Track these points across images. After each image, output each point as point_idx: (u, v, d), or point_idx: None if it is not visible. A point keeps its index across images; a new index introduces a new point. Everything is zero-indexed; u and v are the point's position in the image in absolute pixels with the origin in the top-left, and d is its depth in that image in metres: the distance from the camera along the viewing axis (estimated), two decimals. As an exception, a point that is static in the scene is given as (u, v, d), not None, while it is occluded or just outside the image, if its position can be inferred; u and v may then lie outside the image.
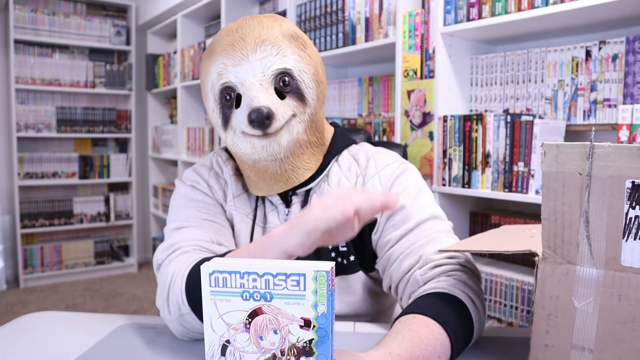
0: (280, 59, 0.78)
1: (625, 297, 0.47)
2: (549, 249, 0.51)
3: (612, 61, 1.38)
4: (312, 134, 0.83)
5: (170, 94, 3.74)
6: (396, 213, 0.82)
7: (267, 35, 0.78)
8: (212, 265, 0.48)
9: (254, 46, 0.77)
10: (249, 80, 0.77)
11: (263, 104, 0.75)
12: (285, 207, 0.88)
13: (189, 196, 0.88)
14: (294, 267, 0.48)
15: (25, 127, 3.41)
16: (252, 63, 0.77)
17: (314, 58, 0.84)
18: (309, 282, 0.47)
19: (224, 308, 0.48)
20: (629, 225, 0.46)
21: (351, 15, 1.95)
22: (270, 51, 0.78)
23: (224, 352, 0.50)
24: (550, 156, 0.50)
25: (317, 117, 0.84)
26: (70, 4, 3.58)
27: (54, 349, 0.70)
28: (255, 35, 0.78)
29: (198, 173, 0.92)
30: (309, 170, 0.84)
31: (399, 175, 0.85)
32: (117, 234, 3.90)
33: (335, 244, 0.65)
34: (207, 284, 0.48)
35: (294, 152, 0.81)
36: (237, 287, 0.48)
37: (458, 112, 1.69)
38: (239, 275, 0.48)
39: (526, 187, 1.42)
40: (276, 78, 0.78)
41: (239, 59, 0.77)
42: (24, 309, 2.94)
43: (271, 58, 0.78)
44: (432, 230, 0.80)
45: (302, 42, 0.82)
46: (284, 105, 0.78)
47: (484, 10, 1.50)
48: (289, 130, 0.79)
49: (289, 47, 0.80)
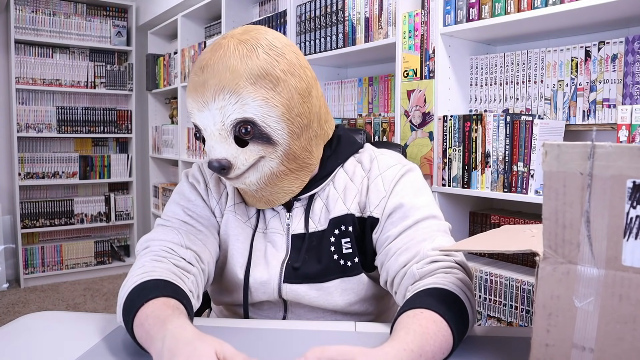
0: (240, 107, 0.75)
1: (626, 297, 0.47)
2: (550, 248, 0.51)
3: (611, 61, 1.38)
4: (290, 163, 0.82)
5: (170, 94, 3.74)
6: (396, 211, 0.83)
7: (228, 80, 0.74)
8: None
9: (213, 94, 0.75)
10: (209, 129, 0.77)
11: (218, 157, 0.76)
12: (286, 211, 0.89)
13: (185, 193, 0.91)
14: None
15: (25, 127, 3.41)
16: (212, 111, 0.76)
17: (287, 94, 0.77)
18: None
19: None
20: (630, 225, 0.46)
21: (351, 16, 1.95)
22: (229, 100, 0.74)
23: None
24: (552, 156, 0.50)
25: (292, 149, 0.80)
26: (71, 5, 3.58)
27: (54, 349, 0.70)
28: (216, 81, 0.74)
29: (202, 172, 0.94)
30: (290, 193, 0.85)
31: (401, 177, 0.86)
32: (118, 233, 3.90)
33: None
34: None
35: (269, 183, 0.82)
36: None
37: (458, 112, 1.69)
38: None
39: (526, 187, 1.42)
40: (236, 127, 0.76)
41: (201, 106, 0.76)
42: (24, 309, 2.94)
43: (230, 107, 0.75)
44: (430, 228, 0.81)
45: (271, 80, 0.76)
46: (246, 152, 0.78)
47: (484, 11, 1.50)
48: (257, 170, 0.80)
49: (251, 93, 0.74)
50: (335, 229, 0.86)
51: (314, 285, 0.85)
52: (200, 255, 0.83)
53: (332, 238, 0.85)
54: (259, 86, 0.75)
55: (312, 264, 0.86)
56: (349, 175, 0.89)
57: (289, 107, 0.78)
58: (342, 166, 0.90)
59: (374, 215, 0.85)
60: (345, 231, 0.85)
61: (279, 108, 0.76)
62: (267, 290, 0.86)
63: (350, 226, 0.85)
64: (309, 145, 0.83)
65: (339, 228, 0.86)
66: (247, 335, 0.74)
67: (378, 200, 0.85)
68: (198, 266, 0.82)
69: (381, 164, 0.88)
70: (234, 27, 2.83)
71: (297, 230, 0.87)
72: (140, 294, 0.69)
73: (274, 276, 0.86)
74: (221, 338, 0.72)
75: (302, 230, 0.87)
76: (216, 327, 0.77)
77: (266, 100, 0.75)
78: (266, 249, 0.88)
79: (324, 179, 0.88)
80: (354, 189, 0.87)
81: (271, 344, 0.71)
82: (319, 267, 0.85)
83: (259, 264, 0.87)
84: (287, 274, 0.86)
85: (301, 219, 0.88)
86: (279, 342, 0.72)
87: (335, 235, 0.85)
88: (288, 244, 0.87)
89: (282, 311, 0.89)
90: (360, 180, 0.88)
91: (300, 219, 0.88)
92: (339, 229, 0.86)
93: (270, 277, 0.86)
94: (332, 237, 0.86)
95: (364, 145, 0.95)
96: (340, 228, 0.85)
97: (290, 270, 0.85)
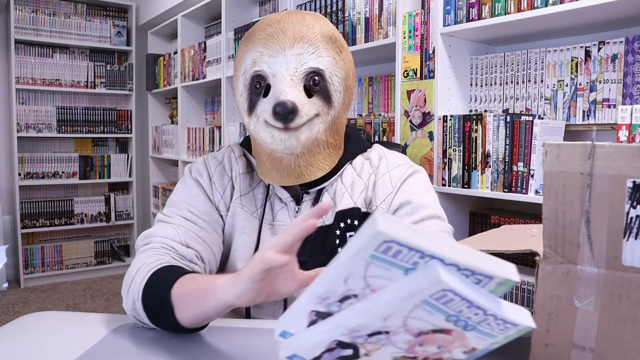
0: (315, 58, 0.80)
1: (626, 297, 0.47)
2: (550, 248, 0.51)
3: (611, 61, 1.38)
4: (332, 136, 0.85)
5: (170, 94, 3.74)
6: (402, 207, 0.84)
7: (307, 32, 0.80)
8: (392, 233, 0.37)
9: (292, 41, 0.79)
10: (281, 73, 0.79)
11: (289, 99, 0.77)
12: (295, 204, 0.89)
13: (188, 188, 0.90)
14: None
15: (25, 127, 3.41)
16: (288, 57, 0.79)
17: (347, 63, 0.85)
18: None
19: (375, 272, 0.39)
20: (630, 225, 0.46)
21: (351, 16, 1.95)
22: (307, 49, 0.79)
23: (343, 300, 0.43)
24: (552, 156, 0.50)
25: (340, 120, 0.85)
26: (71, 5, 3.58)
27: (54, 349, 0.70)
28: (296, 31, 0.80)
29: (207, 165, 0.93)
30: (322, 170, 0.85)
31: (409, 176, 0.88)
32: (118, 233, 3.90)
33: (277, 298, 0.62)
34: (373, 248, 0.38)
35: (310, 150, 0.83)
36: (408, 264, 0.39)
37: (458, 112, 1.69)
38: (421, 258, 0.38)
39: (526, 187, 1.42)
40: (307, 76, 0.80)
41: (276, 51, 0.79)
42: (24, 309, 2.94)
43: (307, 56, 0.79)
44: (435, 227, 0.82)
45: (339, 46, 0.84)
46: (310, 103, 0.80)
47: (484, 11, 1.50)
48: (310, 128, 0.81)
49: (326, 48, 0.81)
50: (341, 222, 0.87)
51: None
52: (201, 254, 0.83)
53: (338, 231, 0.86)
54: (330, 47, 0.82)
55: (318, 258, 0.86)
56: (356, 172, 0.91)
57: (347, 75, 0.84)
58: (351, 163, 0.92)
59: (379, 209, 0.86)
60: (350, 225, 0.86)
61: (342, 71, 0.83)
62: None
63: (356, 220, 0.86)
64: (343, 126, 0.89)
65: (345, 221, 0.87)
66: (247, 335, 0.74)
67: (385, 195, 0.86)
68: (199, 265, 0.82)
69: (390, 162, 0.90)
70: (234, 27, 2.83)
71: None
72: (171, 273, 0.70)
73: None
74: (221, 338, 0.72)
75: None
76: (216, 327, 0.76)
77: (335, 60, 0.82)
78: None
79: (333, 174, 0.89)
80: (361, 184, 0.89)
81: (271, 344, 0.71)
82: (324, 260, 0.85)
83: None
84: None
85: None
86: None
87: (341, 228, 0.86)
88: None
89: (282, 309, 0.89)
90: (368, 176, 0.90)
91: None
92: (345, 222, 0.87)
93: None
94: (337, 230, 0.86)
95: (372, 145, 0.97)
96: (346, 221, 0.87)
97: None
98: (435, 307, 0.39)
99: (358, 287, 0.41)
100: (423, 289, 0.37)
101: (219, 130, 2.86)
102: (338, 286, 0.42)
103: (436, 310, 0.39)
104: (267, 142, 0.82)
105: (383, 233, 0.36)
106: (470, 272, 0.39)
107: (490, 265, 0.39)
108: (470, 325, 0.40)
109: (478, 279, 0.39)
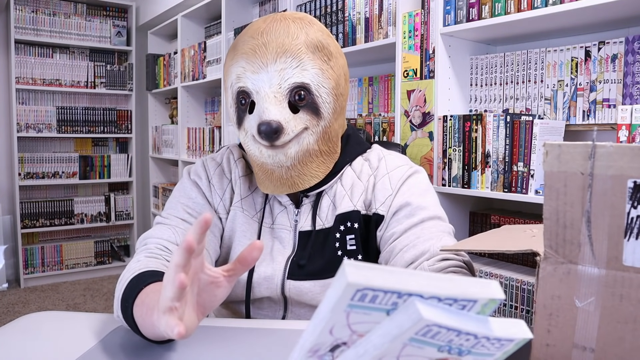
0: (300, 72, 0.77)
1: (626, 297, 0.47)
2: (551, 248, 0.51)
3: (611, 61, 1.38)
4: (324, 144, 0.84)
5: (170, 94, 3.74)
6: (402, 209, 0.84)
7: (290, 44, 0.77)
8: (361, 281, 0.37)
9: (274, 55, 0.77)
10: (264, 91, 0.77)
11: (273, 118, 0.76)
12: (295, 207, 0.89)
13: (185, 190, 0.90)
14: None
15: (25, 127, 3.41)
16: (270, 73, 0.77)
17: (337, 70, 0.82)
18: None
19: (357, 319, 0.40)
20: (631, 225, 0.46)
21: (351, 16, 1.95)
22: (290, 63, 0.77)
23: (334, 349, 0.43)
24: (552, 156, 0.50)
25: (331, 128, 0.84)
26: (71, 5, 3.58)
27: (54, 349, 0.70)
28: (278, 44, 0.77)
29: (205, 168, 0.93)
30: (315, 177, 0.85)
31: (408, 177, 0.88)
32: (118, 233, 3.90)
33: (214, 306, 0.59)
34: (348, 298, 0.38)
35: (301, 161, 0.82)
36: (387, 306, 0.39)
37: (458, 112, 1.69)
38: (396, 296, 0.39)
39: (526, 187, 1.42)
40: (292, 92, 0.78)
41: (258, 67, 0.77)
42: (24, 309, 2.94)
43: (290, 70, 0.77)
44: (435, 228, 0.82)
45: (327, 54, 0.80)
46: (296, 119, 0.79)
47: (484, 11, 1.50)
48: (299, 142, 0.80)
49: (311, 59, 0.78)
50: (341, 225, 0.86)
51: (318, 282, 0.85)
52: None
53: (337, 234, 0.86)
54: (316, 56, 0.79)
55: (317, 261, 0.86)
56: (356, 174, 0.90)
57: (337, 83, 0.82)
58: (350, 165, 0.91)
59: (379, 212, 0.86)
60: (350, 227, 0.86)
61: (331, 81, 0.80)
62: (271, 286, 0.86)
63: (355, 223, 0.86)
64: (338, 132, 0.87)
65: (345, 224, 0.86)
66: (247, 335, 0.74)
67: (384, 197, 0.86)
68: None
69: (389, 163, 0.89)
70: (234, 27, 2.83)
71: (304, 227, 0.88)
72: (139, 281, 0.69)
73: (278, 272, 0.86)
74: (221, 338, 0.72)
75: (309, 227, 0.88)
76: (216, 327, 0.76)
77: (322, 71, 0.79)
78: (273, 245, 0.88)
79: (332, 177, 0.88)
80: (361, 187, 0.88)
81: (271, 344, 0.71)
82: (323, 263, 0.86)
83: (265, 260, 0.87)
84: (292, 270, 0.86)
85: (309, 216, 0.89)
86: (279, 342, 0.72)
87: (341, 231, 0.86)
88: (295, 240, 0.88)
89: (281, 310, 0.89)
90: (367, 178, 0.89)
91: (307, 215, 0.89)
92: (345, 225, 0.86)
93: (275, 272, 0.86)
94: (337, 233, 0.86)
95: (371, 145, 0.97)
96: (346, 224, 0.86)
97: (295, 267, 0.86)
98: (423, 342, 0.39)
99: (345, 335, 0.42)
100: (406, 328, 0.37)
101: (219, 130, 2.86)
102: (325, 338, 0.42)
103: (426, 344, 0.39)
104: (257, 155, 0.82)
105: (354, 284, 0.36)
106: (453, 300, 0.39)
107: (471, 288, 0.40)
108: (465, 351, 0.40)
109: (462, 305, 0.39)
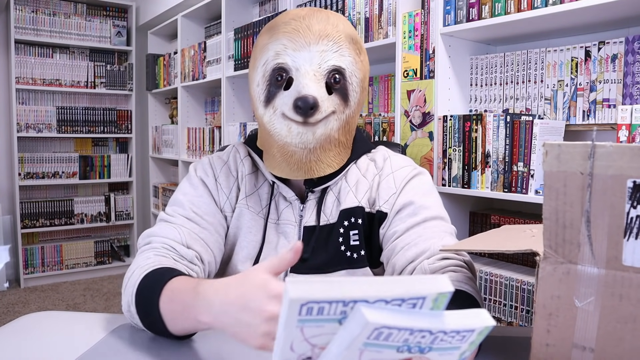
0: (338, 57, 0.81)
1: (626, 297, 0.47)
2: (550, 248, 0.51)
3: (611, 61, 1.38)
4: (343, 135, 0.86)
5: (170, 94, 3.74)
6: (405, 207, 0.85)
7: (332, 31, 0.81)
8: (306, 295, 0.38)
9: (317, 38, 0.80)
10: (304, 68, 0.79)
11: (312, 93, 0.77)
12: (300, 202, 0.90)
13: (193, 187, 0.90)
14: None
15: (25, 127, 3.41)
16: (312, 53, 0.80)
17: (365, 66, 0.87)
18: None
19: (312, 332, 0.40)
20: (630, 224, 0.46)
21: (351, 16, 1.95)
22: (331, 47, 0.81)
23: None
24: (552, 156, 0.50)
25: (353, 120, 0.87)
26: (71, 5, 3.58)
27: (54, 349, 0.70)
28: (321, 28, 0.81)
29: (212, 165, 0.93)
30: (330, 167, 0.86)
31: (413, 177, 0.89)
32: (118, 233, 3.90)
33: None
34: (296, 314, 0.39)
35: (323, 146, 0.84)
36: (337, 315, 0.39)
37: (458, 112, 1.69)
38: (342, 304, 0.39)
39: (526, 187, 1.42)
40: (329, 73, 0.81)
41: (301, 46, 0.80)
42: (24, 309, 2.94)
43: (330, 53, 0.81)
44: (437, 228, 0.83)
45: (359, 47, 0.86)
46: (329, 100, 0.81)
47: (484, 11, 1.50)
48: (325, 125, 0.82)
49: (348, 48, 0.83)
50: (345, 221, 0.87)
51: (320, 276, 0.86)
52: (201, 256, 0.83)
53: (341, 229, 0.87)
54: (351, 47, 0.84)
55: (320, 255, 0.87)
56: (361, 172, 0.92)
57: (364, 77, 0.87)
58: (355, 163, 0.93)
59: (382, 210, 0.87)
60: (354, 223, 0.87)
61: (361, 73, 0.85)
62: None
63: (359, 218, 0.87)
64: (355, 126, 0.91)
65: (349, 220, 0.87)
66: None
67: (388, 196, 0.87)
68: (199, 266, 0.82)
69: (394, 163, 0.91)
70: (234, 27, 2.83)
71: (309, 223, 0.89)
72: (157, 278, 0.69)
73: None
74: (222, 338, 0.72)
75: (314, 223, 0.89)
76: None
77: (355, 61, 0.84)
78: (278, 241, 0.89)
79: (338, 173, 0.90)
80: (366, 184, 0.90)
81: (271, 344, 0.71)
82: (326, 258, 0.87)
83: (269, 255, 0.88)
84: (295, 265, 0.86)
85: (313, 211, 0.89)
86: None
87: (345, 226, 0.87)
88: (300, 235, 0.89)
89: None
90: (372, 176, 0.91)
91: (312, 211, 0.89)
92: (349, 220, 0.87)
93: None
94: (341, 228, 0.87)
95: (377, 146, 0.98)
96: (350, 220, 0.87)
97: (298, 261, 0.86)
98: (378, 345, 0.39)
99: (306, 349, 0.42)
100: (357, 334, 0.37)
101: (219, 130, 2.86)
102: (288, 355, 0.42)
103: (382, 347, 0.39)
104: (282, 134, 0.82)
105: (296, 299, 0.37)
106: (400, 300, 0.39)
107: (417, 285, 0.39)
108: (426, 347, 0.40)
109: (412, 303, 0.39)
